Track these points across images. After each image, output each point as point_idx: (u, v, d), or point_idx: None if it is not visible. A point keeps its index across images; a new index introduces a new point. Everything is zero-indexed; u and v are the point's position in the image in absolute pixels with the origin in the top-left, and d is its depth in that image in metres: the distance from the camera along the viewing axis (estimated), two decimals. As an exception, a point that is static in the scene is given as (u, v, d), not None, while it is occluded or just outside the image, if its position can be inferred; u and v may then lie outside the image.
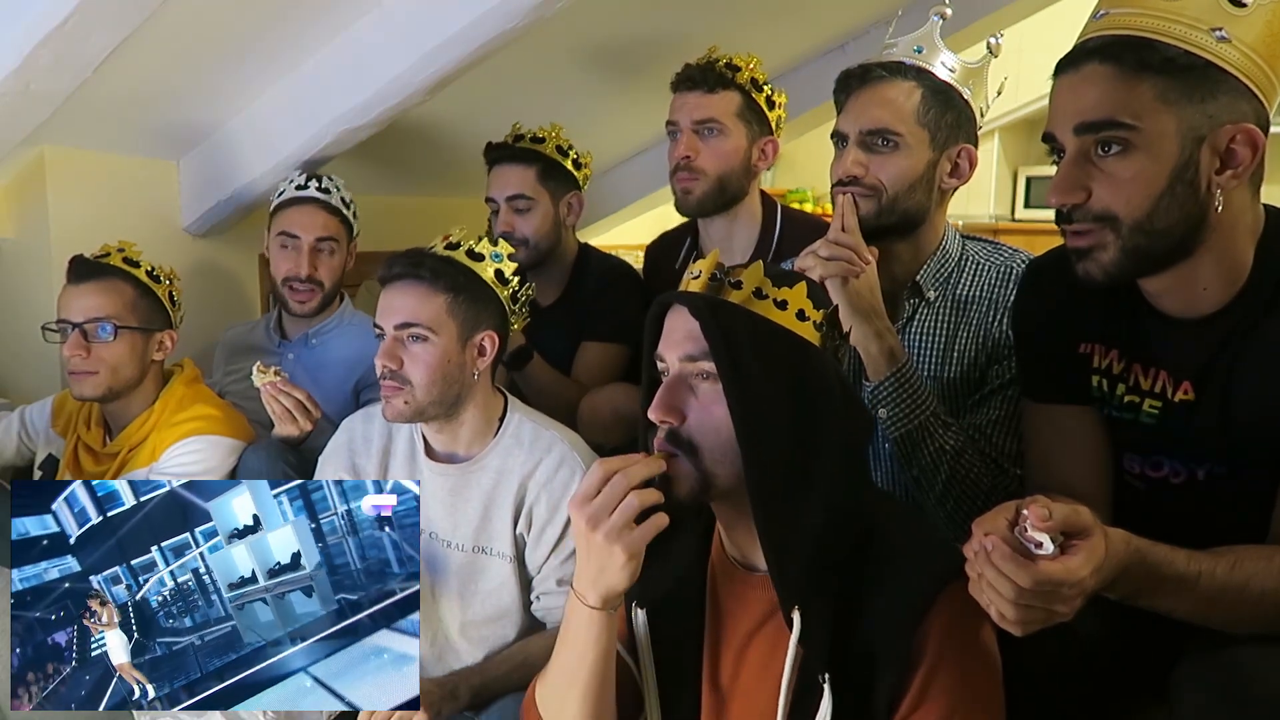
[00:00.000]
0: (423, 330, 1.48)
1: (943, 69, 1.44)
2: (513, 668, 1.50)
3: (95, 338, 1.74)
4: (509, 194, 2.12)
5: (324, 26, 1.97)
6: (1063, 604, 0.85)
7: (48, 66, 1.67)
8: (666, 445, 1.03)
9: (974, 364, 1.48)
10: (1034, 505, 0.84)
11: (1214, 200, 1.02)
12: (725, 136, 1.97)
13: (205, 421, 1.78)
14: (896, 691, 0.97)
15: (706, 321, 1.00)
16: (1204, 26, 0.99)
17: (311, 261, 2.05)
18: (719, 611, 1.11)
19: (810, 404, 1.01)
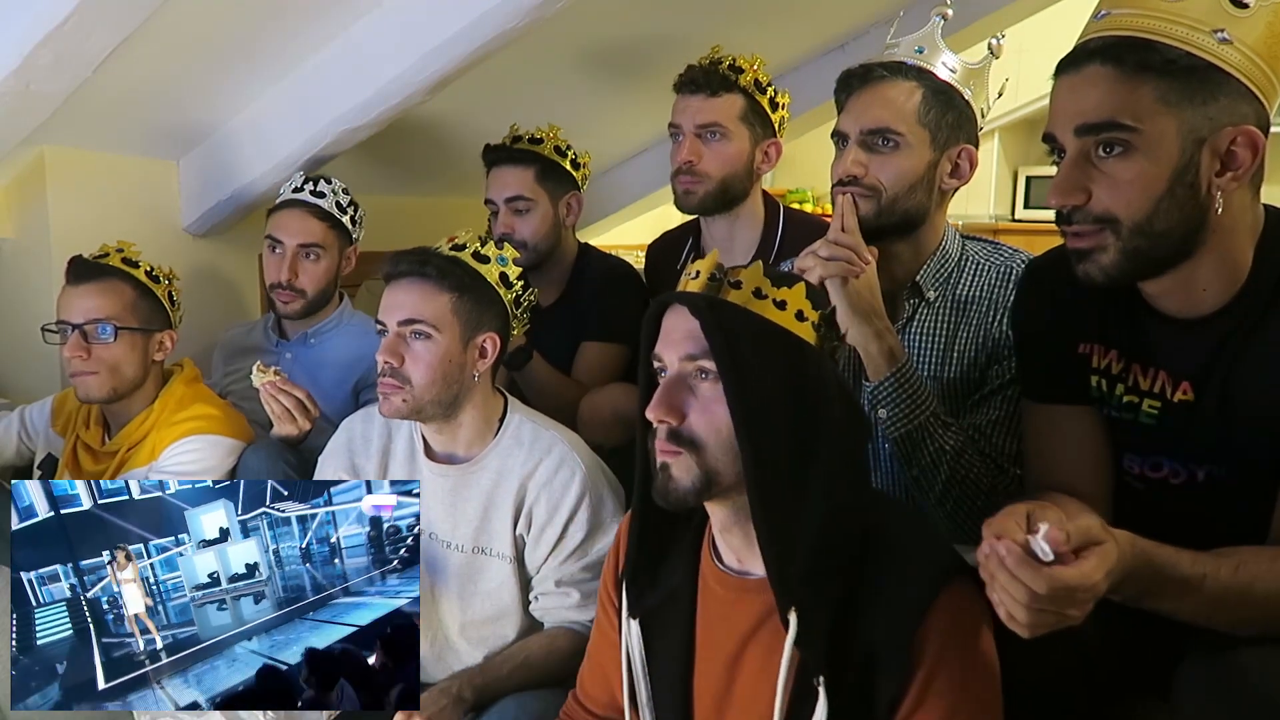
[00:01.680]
0: (426, 327, 1.48)
1: (944, 69, 1.44)
2: (514, 668, 1.50)
3: (95, 339, 1.73)
4: (508, 195, 2.12)
5: (324, 26, 1.96)
6: (1075, 608, 0.85)
7: (48, 66, 1.67)
8: (669, 444, 1.03)
9: (974, 364, 1.48)
10: (1053, 529, 0.84)
11: (1214, 202, 1.02)
12: (728, 140, 1.97)
13: (205, 421, 1.78)
14: (895, 695, 0.97)
15: (707, 321, 1.00)
16: (1205, 28, 0.99)
17: (292, 267, 2.03)
18: (711, 620, 1.11)
19: (809, 404, 1.01)
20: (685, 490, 1.03)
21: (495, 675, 1.49)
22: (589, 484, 1.52)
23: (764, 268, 1.04)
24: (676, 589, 1.14)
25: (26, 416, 1.97)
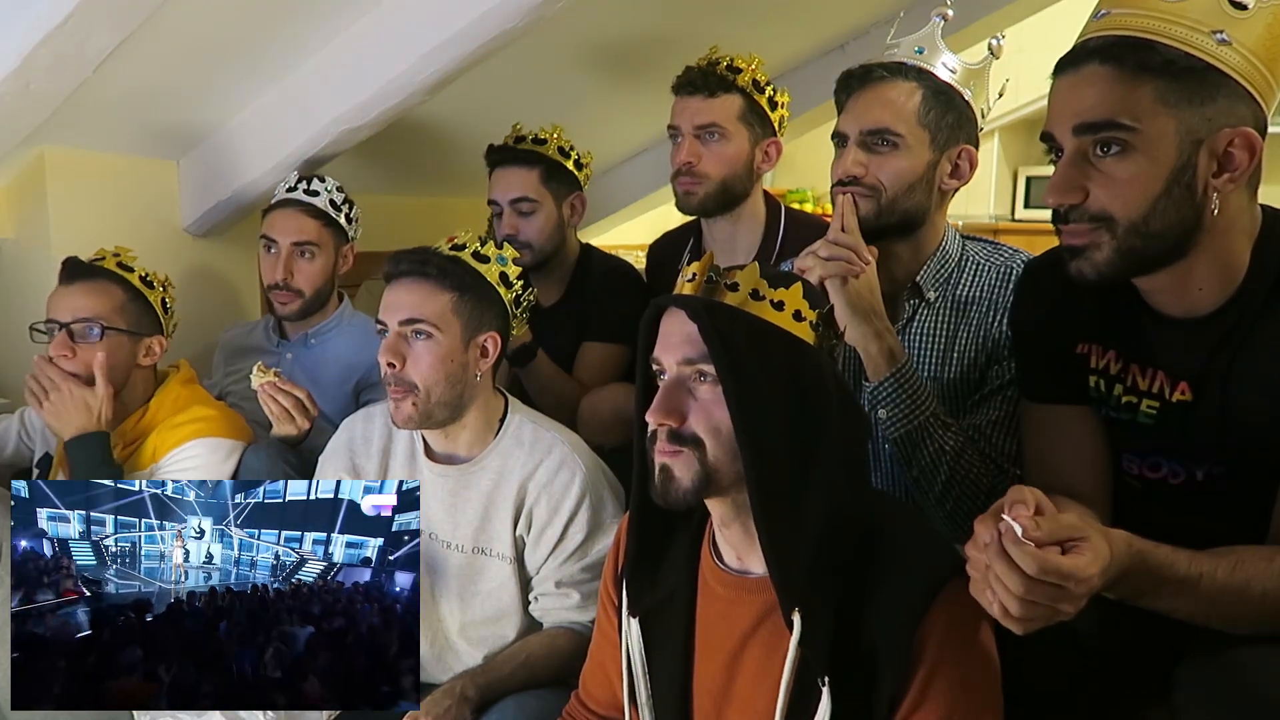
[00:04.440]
0: (427, 326, 1.48)
1: (944, 70, 1.44)
2: (516, 667, 1.50)
3: (82, 339, 1.71)
4: (512, 197, 2.12)
5: (324, 27, 1.97)
6: (1068, 603, 0.85)
7: (48, 66, 1.67)
8: (670, 445, 1.03)
9: (974, 365, 1.48)
10: (1017, 507, 0.85)
11: (1210, 203, 1.02)
12: (727, 141, 1.97)
13: (205, 423, 1.78)
14: (896, 693, 0.97)
15: (705, 325, 1.00)
16: (1205, 29, 0.99)
17: (287, 266, 2.03)
18: (710, 619, 1.11)
19: (809, 404, 1.02)
20: (685, 489, 1.03)
21: (498, 675, 1.49)
22: (589, 485, 1.52)
23: (760, 268, 1.04)
24: (676, 588, 1.14)
25: (26, 417, 1.97)
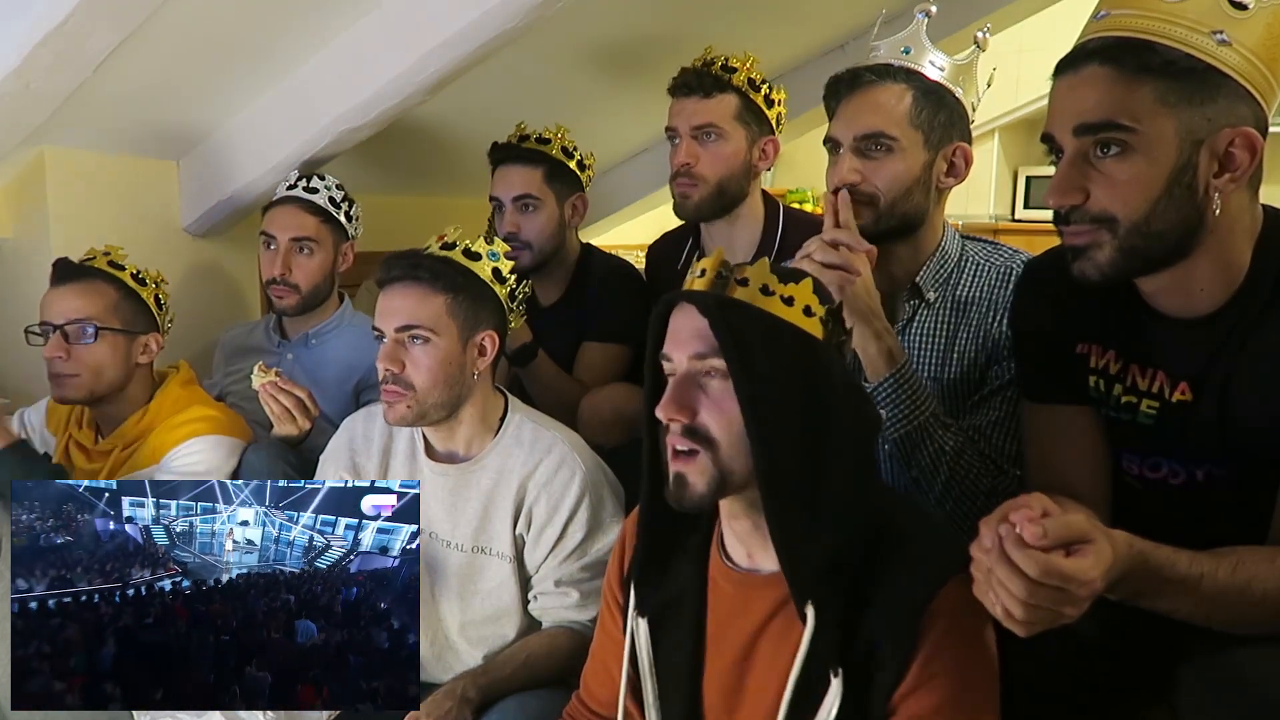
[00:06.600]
0: (424, 331, 1.47)
1: (932, 69, 1.44)
2: (516, 668, 1.50)
3: (76, 340, 1.71)
4: (515, 194, 2.12)
5: (324, 27, 1.97)
6: (1071, 605, 0.85)
7: (48, 66, 1.67)
8: (684, 442, 1.03)
9: (974, 365, 1.48)
10: (1024, 512, 0.84)
11: (1211, 203, 1.03)
12: (725, 140, 1.97)
13: (205, 423, 1.78)
14: (896, 678, 0.97)
15: (716, 319, 1.00)
16: (1205, 29, 0.99)
17: (286, 262, 2.03)
18: (721, 618, 1.11)
19: (820, 399, 1.02)
20: (701, 495, 1.03)
21: (498, 675, 1.49)
22: (589, 484, 1.52)
23: (770, 264, 1.04)
24: (685, 588, 1.14)
25: (26, 417, 1.97)
